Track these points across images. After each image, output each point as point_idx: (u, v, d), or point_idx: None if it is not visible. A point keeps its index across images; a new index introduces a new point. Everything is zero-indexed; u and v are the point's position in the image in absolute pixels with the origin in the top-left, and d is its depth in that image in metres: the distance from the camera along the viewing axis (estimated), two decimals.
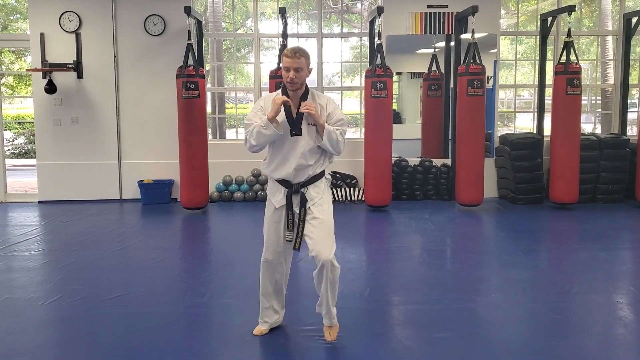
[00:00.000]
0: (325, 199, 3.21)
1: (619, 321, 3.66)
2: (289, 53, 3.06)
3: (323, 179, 3.24)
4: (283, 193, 3.21)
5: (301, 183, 3.17)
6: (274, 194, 3.28)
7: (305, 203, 3.15)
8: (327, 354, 3.17)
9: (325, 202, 3.20)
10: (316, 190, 3.18)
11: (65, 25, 7.59)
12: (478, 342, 3.34)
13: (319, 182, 3.21)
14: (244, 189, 7.85)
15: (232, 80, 12.01)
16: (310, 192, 3.17)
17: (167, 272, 4.75)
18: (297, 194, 3.17)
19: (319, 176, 3.21)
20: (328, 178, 3.31)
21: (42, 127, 7.78)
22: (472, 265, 4.98)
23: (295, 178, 3.16)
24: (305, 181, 3.17)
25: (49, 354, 3.24)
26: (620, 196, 7.56)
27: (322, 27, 8.07)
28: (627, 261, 5.17)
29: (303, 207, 3.16)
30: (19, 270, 4.78)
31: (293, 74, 3.06)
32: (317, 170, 3.19)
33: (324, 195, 3.20)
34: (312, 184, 3.18)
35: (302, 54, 3.06)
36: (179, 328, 3.57)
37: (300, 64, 3.05)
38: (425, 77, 8.36)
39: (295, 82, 3.07)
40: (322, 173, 3.23)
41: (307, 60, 3.10)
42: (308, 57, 3.11)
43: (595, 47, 10.21)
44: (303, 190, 3.16)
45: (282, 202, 3.21)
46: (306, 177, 3.17)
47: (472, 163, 7.01)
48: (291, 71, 3.06)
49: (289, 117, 3.13)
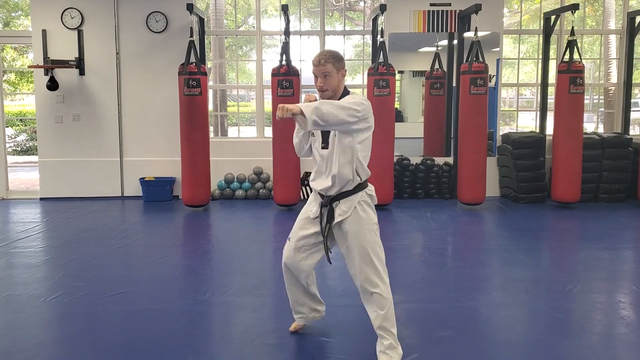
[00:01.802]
0: (362, 220, 2.93)
1: (621, 320, 3.65)
2: (314, 61, 2.92)
3: (361, 193, 2.96)
4: (317, 204, 3.05)
5: (332, 197, 2.96)
6: (311, 201, 3.13)
7: (331, 219, 2.96)
8: (327, 351, 3.17)
9: (361, 225, 2.93)
10: (347, 206, 2.94)
11: (67, 22, 7.59)
12: (480, 340, 3.33)
13: (354, 196, 2.95)
14: (246, 187, 7.84)
15: (234, 78, 12.01)
16: (341, 207, 2.95)
17: (168, 270, 4.75)
18: (326, 207, 2.98)
19: (353, 191, 2.95)
20: (371, 194, 3.02)
21: (43, 124, 7.78)
22: (473, 263, 4.97)
23: (327, 191, 2.97)
24: (335, 195, 2.96)
25: (50, 351, 3.24)
26: (622, 195, 7.55)
27: (325, 24, 8.06)
28: (629, 261, 5.16)
29: (329, 223, 2.97)
30: (21, 267, 4.78)
31: (321, 81, 2.91)
32: (350, 186, 2.94)
33: (359, 215, 2.93)
34: (344, 198, 2.95)
35: (327, 59, 2.89)
36: (181, 325, 3.56)
37: (326, 69, 2.89)
38: (428, 76, 8.34)
39: (326, 90, 2.92)
40: (357, 188, 2.96)
41: (335, 64, 2.91)
42: (337, 60, 2.92)
43: (599, 45, 10.19)
44: (334, 204, 2.96)
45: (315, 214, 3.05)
46: (336, 191, 2.95)
47: (474, 162, 7.01)
48: (319, 78, 2.92)
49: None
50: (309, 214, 3.08)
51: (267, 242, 5.85)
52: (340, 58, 2.94)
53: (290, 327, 3.40)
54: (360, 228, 2.93)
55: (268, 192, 7.76)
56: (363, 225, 2.93)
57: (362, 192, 2.97)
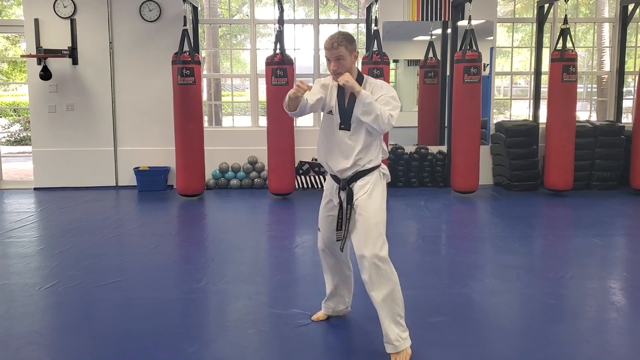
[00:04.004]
0: (374, 193, 2.92)
1: (612, 306, 3.69)
2: (327, 44, 2.86)
3: (375, 172, 2.97)
4: (333, 188, 3.03)
5: (348, 178, 2.95)
6: (327, 184, 3.10)
7: (351, 200, 2.93)
8: (321, 338, 3.20)
9: (373, 197, 2.91)
10: (362, 184, 2.93)
11: (60, 11, 7.54)
12: (472, 326, 3.37)
13: (369, 175, 2.94)
14: (241, 176, 7.84)
15: (228, 67, 11.97)
16: (356, 186, 2.94)
17: (163, 258, 4.77)
18: (344, 190, 2.96)
19: (369, 171, 2.95)
20: (384, 173, 3.02)
21: (37, 114, 7.75)
22: (467, 251, 5.01)
23: (343, 174, 2.95)
24: (352, 176, 2.94)
25: (45, 339, 3.25)
26: (614, 183, 7.59)
27: (319, 13, 8.03)
28: (620, 247, 5.21)
29: (349, 204, 2.94)
30: (15, 256, 4.79)
31: (335, 64, 2.87)
32: (367, 165, 2.94)
33: (372, 189, 2.92)
34: (360, 178, 2.94)
35: (340, 42, 2.84)
36: (175, 313, 3.58)
37: (340, 52, 2.84)
38: (422, 65, 8.34)
39: (340, 73, 2.86)
40: (373, 168, 2.97)
41: (348, 46, 2.86)
42: (350, 42, 2.88)
43: (592, 34, 10.20)
44: (351, 186, 2.94)
45: (332, 196, 3.04)
46: (353, 172, 2.93)
47: (468, 150, 7.02)
48: (332, 62, 2.87)
49: (341, 108, 2.93)
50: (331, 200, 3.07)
51: (262, 231, 5.86)
52: (352, 40, 2.91)
53: (314, 317, 3.38)
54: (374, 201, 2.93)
55: (263, 181, 7.77)
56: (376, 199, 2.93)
57: (377, 171, 2.99)
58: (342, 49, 2.85)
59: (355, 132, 2.92)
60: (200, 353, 3.02)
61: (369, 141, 2.94)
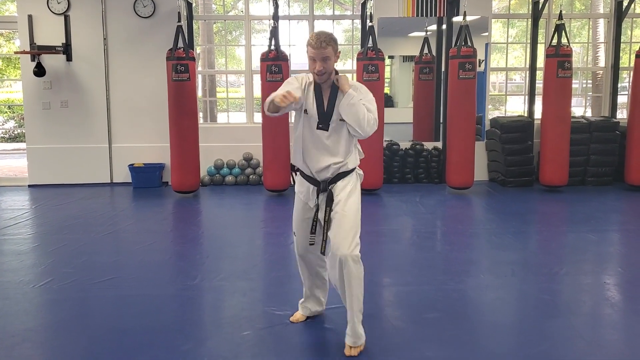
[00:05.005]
0: (354, 194, 2.92)
1: (606, 301, 3.71)
2: (313, 43, 2.78)
3: (354, 173, 2.98)
4: (309, 190, 2.99)
5: (328, 180, 2.92)
6: (300, 187, 3.05)
7: (331, 203, 2.90)
8: (316, 335, 3.20)
9: (350, 196, 2.90)
10: (343, 185, 2.91)
11: (54, 7, 7.50)
12: (467, 322, 3.37)
13: (349, 176, 2.94)
14: (236, 172, 7.83)
15: (222, 63, 11.94)
16: (337, 187, 2.91)
17: (158, 255, 4.76)
18: (324, 192, 2.92)
19: (350, 172, 2.95)
20: (360, 174, 3.03)
21: (31, 111, 7.71)
22: (462, 247, 5.02)
23: (321, 175, 2.93)
24: (332, 177, 2.92)
25: (40, 337, 3.24)
26: (609, 179, 7.61)
27: (314, 9, 8.01)
28: (615, 243, 5.22)
29: (329, 207, 2.89)
30: (9, 253, 4.77)
31: (320, 65, 2.80)
32: (349, 166, 2.94)
33: (352, 190, 2.92)
34: (341, 179, 2.92)
35: (328, 42, 2.78)
36: (170, 310, 3.58)
37: (327, 53, 2.79)
38: (417, 61, 8.34)
39: (324, 73, 2.83)
40: (353, 169, 2.97)
41: (334, 46, 2.81)
42: (335, 42, 2.83)
43: (587, 30, 10.21)
44: (331, 187, 2.91)
45: (308, 199, 3.00)
46: (333, 173, 2.92)
47: (463, 146, 7.03)
48: (318, 62, 2.80)
49: (320, 108, 2.89)
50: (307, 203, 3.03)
51: (257, 227, 5.86)
52: (336, 40, 2.88)
53: (292, 318, 3.36)
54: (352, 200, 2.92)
55: (258, 177, 7.76)
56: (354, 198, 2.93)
57: (355, 172, 3.00)
58: (330, 49, 2.81)
59: (333, 133, 2.91)
60: (195, 350, 3.01)
61: (348, 142, 2.93)
